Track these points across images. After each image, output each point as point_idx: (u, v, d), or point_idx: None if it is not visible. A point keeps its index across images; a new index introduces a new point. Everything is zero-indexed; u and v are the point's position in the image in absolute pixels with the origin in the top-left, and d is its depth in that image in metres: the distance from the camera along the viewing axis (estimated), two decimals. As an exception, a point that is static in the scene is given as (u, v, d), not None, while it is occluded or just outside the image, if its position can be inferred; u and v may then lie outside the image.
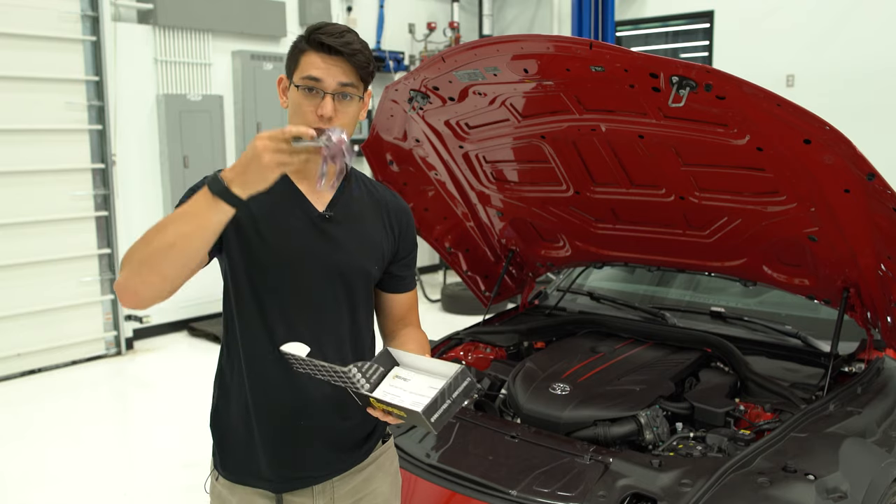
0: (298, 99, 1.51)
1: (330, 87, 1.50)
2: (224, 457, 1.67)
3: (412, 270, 1.78)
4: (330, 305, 1.61)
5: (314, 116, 1.49)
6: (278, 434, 1.60)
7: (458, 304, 7.05)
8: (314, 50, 1.50)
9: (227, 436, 1.66)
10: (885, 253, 2.28)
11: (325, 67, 1.50)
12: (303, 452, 1.61)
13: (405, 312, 1.77)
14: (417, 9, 8.52)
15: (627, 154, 2.55)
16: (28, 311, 5.51)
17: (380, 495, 1.74)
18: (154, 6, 6.05)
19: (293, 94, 1.53)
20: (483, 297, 3.61)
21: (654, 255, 3.06)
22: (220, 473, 1.68)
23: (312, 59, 1.50)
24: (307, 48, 1.52)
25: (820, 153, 2.04)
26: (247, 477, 1.64)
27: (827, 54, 6.59)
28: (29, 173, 5.47)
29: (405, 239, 1.72)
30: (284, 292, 1.57)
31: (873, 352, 2.74)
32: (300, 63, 1.52)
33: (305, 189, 1.60)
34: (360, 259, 1.62)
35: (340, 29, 1.52)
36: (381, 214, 1.68)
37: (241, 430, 1.63)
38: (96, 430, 4.52)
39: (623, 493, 1.98)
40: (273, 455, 1.61)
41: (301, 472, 1.63)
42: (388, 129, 2.92)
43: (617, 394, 2.53)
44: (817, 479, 1.95)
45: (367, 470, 1.72)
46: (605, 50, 2.02)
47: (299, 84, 1.51)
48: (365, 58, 1.52)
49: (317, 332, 1.60)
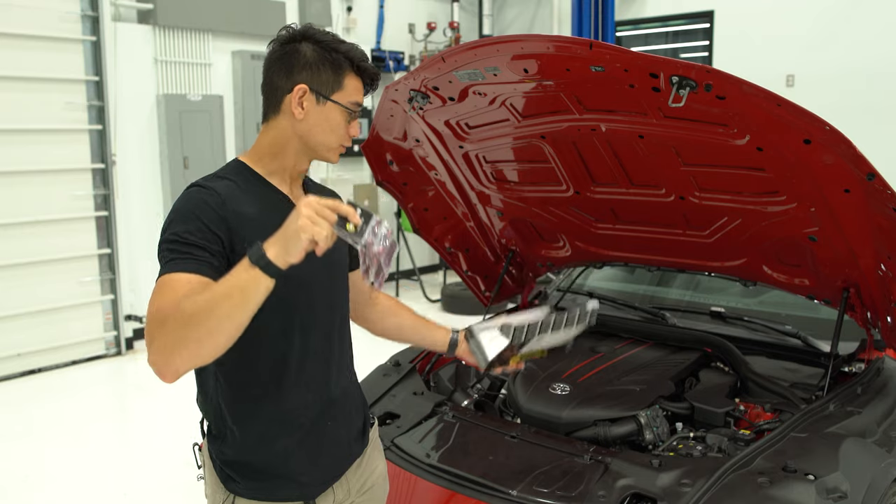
0: (338, 118, 1.58)
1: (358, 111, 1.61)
2: (245, 480, 1.59)
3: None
4: (335, 300, 1.68)
5: (347, 136, 1.59)
6: (308, 439, 1.60)
7: (458, 304, 7.05)
8: (356, 73, 1.58)
9: (248, 459, 1.59)
10: (885, 253, 2.28)
11: (361, 93, 1.61)
12: (335, 452, 1.65)
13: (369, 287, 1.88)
14: (417, 9, 8.52)
15: (627, 154, 2.55)
16: (28, 311, 5.52)
17: (378, 471, 1.82)
18: (154, 6, 6.05)
19: (332, 112, 1.57)
20: (483, 297, 3.61)
21: (654, 255, 3.05)
22: (241, 495, 1.60)
23: (356, 84, 1.59)
24: (350, 70, 1.58)
25: (820, 153, 2.04)
26: (276, 491, 1.59)
27: (827, 54, 6.59)
28: (29, 173, 5.47)
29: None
30: (297, 300, 1.58)
31: (873, 352, 2.74)
32: (345, 85, 1.57)
33: (289, 195, 1.63)
34: (342, 251, 1.68)
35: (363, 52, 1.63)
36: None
37: (266, 448, 1.58)
38: (96, 430, 4.52)
39: (623, 493, 1.98)
40: (307, 461, 1.60)
41: (333, 471, 1.66)
42: (387, 129, 2.92)
43: (617, 394, 2.53)
44: (817, 479, 1.95)
45: (367, 452, 1.78)
46: (605, 50, 2.02)
47: (348, 107, 1.58)
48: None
49: (327, 330, 1.65)
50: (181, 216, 1.45)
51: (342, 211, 1.29)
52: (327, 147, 1.58)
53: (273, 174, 1.61)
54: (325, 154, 1.60)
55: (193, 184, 1.53)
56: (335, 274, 1.68)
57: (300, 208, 1.27)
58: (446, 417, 2.46)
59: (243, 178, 1.57)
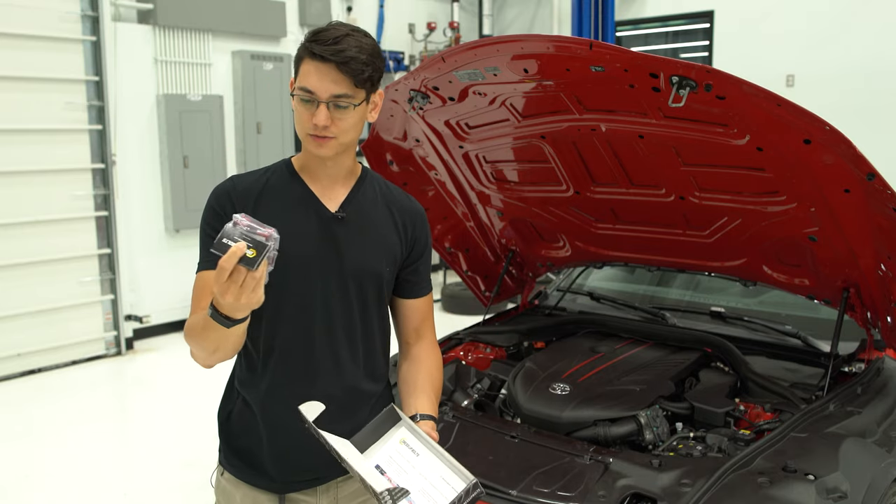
0: (297, 106, 1.52)
1: (323, 96, 1.48)
2: (230, 454, 1.68)
3: (426, 275, 1.76)
4: (341, 306, 1.61)
5: (311, 125, 1.50)
6: (284, 436, 1.61)
7: (458, 304, 7.05)
8: (309, 58, 1.49)
9: (233, 435, 1.67)
10: (885, 253, 2.28)
11: (318, 77, 1.48)
12: (308, 454, 1.61)
13: (420, 322, 1.75)
14: (417, 9, 8.52)
15: (627, 154, 2.55)
16: (28, 311, 5.51)
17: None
18: (154, 6, 6.05)
19: (294, 101, 1.54)
20: (483, 297, 3.61)
21: (654, 255, 3.05)
22: (226, 469, 1.69)
23: (308, 67, 1.49)
24: (304, 55, 1.51)
25: (820, 153, 2.04)
26: (252, 476, 1.65)
27: (827, 54, 6.59)
28: (29, 173, 5.47)
29: (418, 242, 1.72)
30: (296, 294, 1.58)
31: (873, 352, 2.74)
32: (300, 70, 1.52)
33: (318, 190, 1.62)
34: (371, 260, 1.63)
35: (337, 34, 1.48)
36: (393, 216, 1.68)
37: (248, 431, 1.64)
38: (96, 430, 4.51)
39: (623, 493, 1.98)
40: (278, 457, 1.62)
41: (306, 473, 1.64)
42: (388, 129, 2.92)
43: (617, 394, 2.53)
44: (817, 479, 1.95)
45: None
46: (605, 50, 2.02)
47: (295, 94, 1.52)
48: (360, 63, 1.48)
49: (328, 333, 1.61)
50: (206, 206, 1.61)
51: (230, 266, 1.25)
52: (301, 137, 1.56)
53: (304, 170, 1.64)
54: (305, 145, 1.57)
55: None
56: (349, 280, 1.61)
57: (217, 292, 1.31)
58: (446, 417, 2.45)
59: (279, 173, 1.64)
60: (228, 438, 1.68)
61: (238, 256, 1.24)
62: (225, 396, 1.71)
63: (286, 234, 1.55)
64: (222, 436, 1.70)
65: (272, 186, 1.61)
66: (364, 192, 1.66)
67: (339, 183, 1.64)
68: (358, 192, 1.65)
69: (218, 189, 1.61)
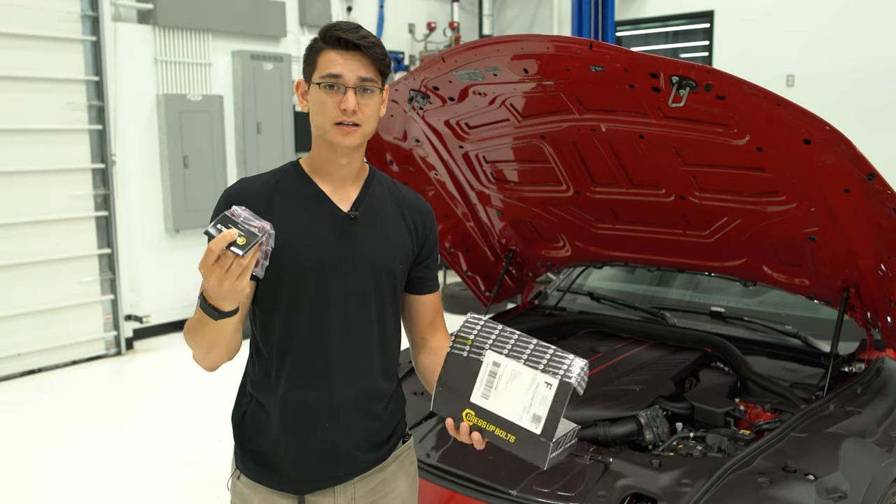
0: (320, 96, 1.53)
1: (351, 81, 1.51)
2: (245, 457, 1.66)
3: (435, 271, 1.79)
4: (357, 305, 1.61)
5: (337, 111, 1.51)
6: (304, 436, 1.60)
7: (458, 304, 7.04)
8: (331, 47, 1.52)
9: (248, 438, 1.66)
10: (885, 253, 2.28)
11: (343, 62, 1.51)
12: (328, 454, 1.62)
13: (433, 316, 1.77)
14: (417, 9, 8.52)
15: (627, 154, 2.55)
16: (28, 311, 5.51)
17: (398, 495, 1.74)
18: (154, 6, 6.05)
19: (314, 94, 1.54)
20: (483, 297, 3.61)
21: (654, 255, 3.05)
22: (243, 472, 1.68)
23: (331, 56, 1.52)
24: (324, 47, 1.53)
25: (820, 153, 2.04)
26: (269, 478, 1.64)
27: (827, 54, 6.59)
28: (29, 173, 5.47)
29: (428, 239, 1.74)
30: (311, 293, 1.58)
31: (873, 352, 2.74)
32: (318, 62, 1.54)
33: (329, 191, 1.62)
34: (385, 258, 1.64)
35: (354, 25, 1.55)
36: (403, 214, 1.69)
37: (262, 433, 1.63)
38: (96, 430, 4.52)
39: (623, 493, 1.98)
40: (298, 457, 1.61)
41: (325, 473, 1.64)
42: (388, 129, 2.92)
43: (617, 394, 2.53)
44: (817, 479, 1.95)
45: (388, 469, 1.72)
46: (605, 50, 2.02)
47: (320, 82, 1.52)
48: (381, 51, 1.54)
49: (345, 332, 1.60)
50: (215, 209, 1.58)
51: (218, 249, 1.27)
52: (324, 129, 1.55)
53: (314, 171, 1.64)
54: (329, 137, 1.56)
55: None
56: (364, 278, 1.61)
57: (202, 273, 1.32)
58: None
59: (289, 175, 1.64)
60: (243, 441, 1.67)
61: (227, 241, 1.27)
62: (237, 400, 1.70)
63: (300, 235, 1.57)
64: (237, 439, 1.69)
65: (283, 188, 1.61)
66: (374, 191, 1.67)
67: (350, 182, 1.65)
68: (368, 192, 1.66)
69: (227, 192, 1.61)
